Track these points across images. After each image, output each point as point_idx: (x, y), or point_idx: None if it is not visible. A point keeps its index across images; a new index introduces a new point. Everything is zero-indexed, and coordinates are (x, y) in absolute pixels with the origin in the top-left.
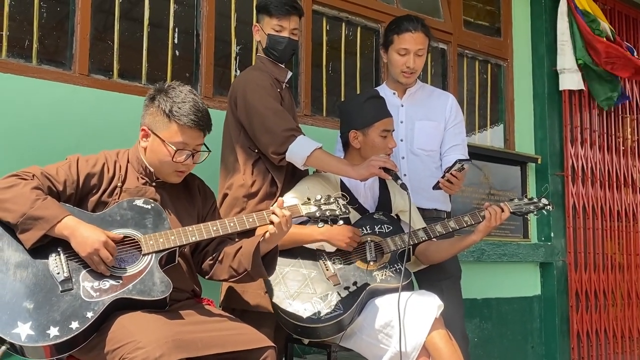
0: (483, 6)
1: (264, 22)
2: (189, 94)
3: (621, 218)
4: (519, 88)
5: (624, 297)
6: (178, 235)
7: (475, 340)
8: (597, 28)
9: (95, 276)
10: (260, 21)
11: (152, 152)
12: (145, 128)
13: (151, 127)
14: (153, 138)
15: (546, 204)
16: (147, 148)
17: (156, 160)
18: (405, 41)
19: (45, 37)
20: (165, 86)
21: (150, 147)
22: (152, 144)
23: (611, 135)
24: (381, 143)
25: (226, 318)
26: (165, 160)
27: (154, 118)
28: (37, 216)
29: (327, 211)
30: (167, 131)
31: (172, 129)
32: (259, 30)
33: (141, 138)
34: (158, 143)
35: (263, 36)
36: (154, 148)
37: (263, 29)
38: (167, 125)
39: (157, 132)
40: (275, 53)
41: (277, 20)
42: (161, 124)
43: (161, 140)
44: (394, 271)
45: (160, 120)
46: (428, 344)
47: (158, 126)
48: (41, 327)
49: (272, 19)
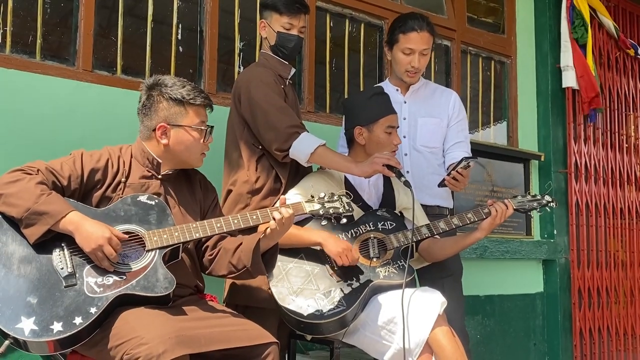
0: (486, 3)
1: (272, 19)
2: (181, 80)
3: (624, 215)
4: (522, 85)
5: (627, 295)
6: (182, 232)
7: (477, 337)
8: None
9: (99, 272)
10: (267, 18)
11: (179, 144)
12: (163, 124)
13: (170, 121)
14: (176, 131)
15: (549, 200)
16: (171, 142)
17: (184, 150)
18: (411, 41)
19: (49, 33)
20: (156, 81)
21: (175, 140)
22: (176, 136)
23: (614, 133)
24: (386, 139)
25: (229, 314)
26: (194, 145)
27: (168, 111)
28: (41, 211)
29: (331, 209)
30: (187, 117)
31: (190, 114)
32: (266, 26)
33: (160, 136)
34: (182, 132)
35: (271, 33)
36: (179, 139)
37: (271, 26)
38: (185, 112)
39: (178, 122)
40: (284, 51)
41: (288, 18)
42: (179, 113)
43: (186, 128)
44: (397, 268)
45: (176, 110)
46: (431, 340)
47: (177, 117)
48: (45, 322)
49: (283, 17)
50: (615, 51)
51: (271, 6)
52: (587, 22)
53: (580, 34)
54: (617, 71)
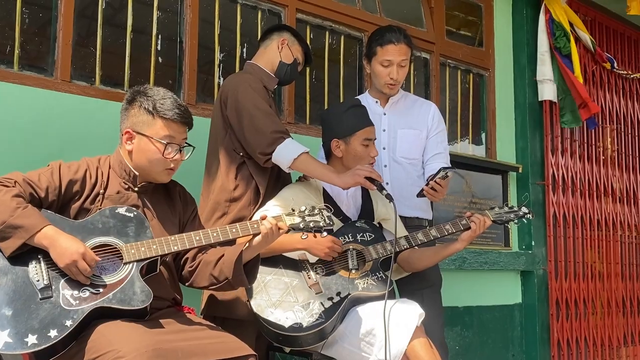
0: (465, 16)
1: (295, 47)
2: (167, 92)
3: (601, 227)
4: (500, 98)
5: (604, 306)
6: (160, 245)
7: (456, 348)
8: (565, 47)
9: (75, 284)
10: (289, 41)
11: (140, 153)
12: (129, 130)
13: (135, 128)
14: (139, 138)
15: (526, 212)
16: (134, 150)
17: (145, 161)
18: (389, 53)
19: (27, 43)
20: (141, 88)
21: (137, 148)
22: (139, 144)
23: (591, 145)
24: (363, 152)
25: (207, 327)
26: (155, 157)
27: (137, 118)
28: (16, 225)
29: (311, 222)
30: (153, 128)
31: (157, 125)
32: (286, 47)
33: (125, 142)
34: (145, 142)
35: (288, 55)
36: (142, 148)
37: (292, 50)
38: (152, 122)
39: (142, 131)
40: (292, 75)
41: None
42: (146, 122)
43: (148, 138)
44: (376, 279)
45: (144, 119)
46: (409, 352)
47: (143, 125)
48: (19, 334)
49: (303, 51)
50: (592, 65)
51: (295, 33)
52: (568, 33)
53: (563, 44)
54: (594, 84)
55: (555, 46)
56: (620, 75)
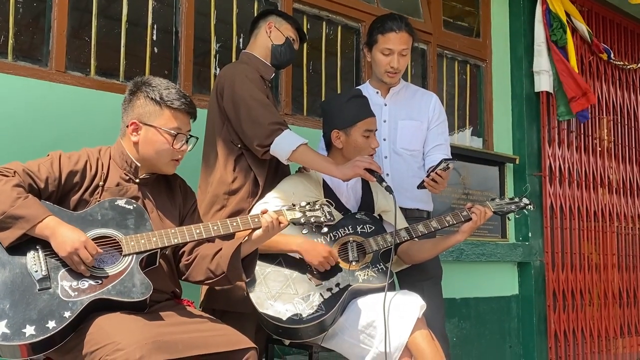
0: (462, 7)
1: (283, 27)
2: (169, 82)
3: (598, 218)
4: (497, 89)
5: (600, 297)
6: (160, 237)
7: (454, 339)
8: (561, 39)
9: (74, 275)
10: (276, 22)
11: (147, 144)
12: (135, 121)
13: (142, 119)
14: (146, 129)
15: (527, 203)
16: (140, 141)
17: (152, 152)
18: (390, 41)
19: (22, 33)
20: (144, 79)
21: (144, 139)
22: (146, 135)
23: (588, 136)
24: (364, 143)
25: (207, 319)
26: (163, 148)
27: (144, 109)
28: (17, 215)
29: (312, 217)
30: (161, 118)
31: (165, 116)
32: (274, 29)
33: (131, 133)
34: (153, 132)
35: (279, 36)
36: (149, 139)
37: (281, 30)
38: (160, 112)
39: (150, 122)
40: (289, 54)
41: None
42: (153, 113)
43: (156, 129)
44: (376, 271)
45: (151, 109)
46: (410, 344)
47: (150, 116)
48: (17, 325)
49: (294, 28)
50: (589, 55)
51: (285, 15)
52: (565, 24)
53: (559, 36)
54: (590, 75)
55: (552, 39)
56: (616, 66)
